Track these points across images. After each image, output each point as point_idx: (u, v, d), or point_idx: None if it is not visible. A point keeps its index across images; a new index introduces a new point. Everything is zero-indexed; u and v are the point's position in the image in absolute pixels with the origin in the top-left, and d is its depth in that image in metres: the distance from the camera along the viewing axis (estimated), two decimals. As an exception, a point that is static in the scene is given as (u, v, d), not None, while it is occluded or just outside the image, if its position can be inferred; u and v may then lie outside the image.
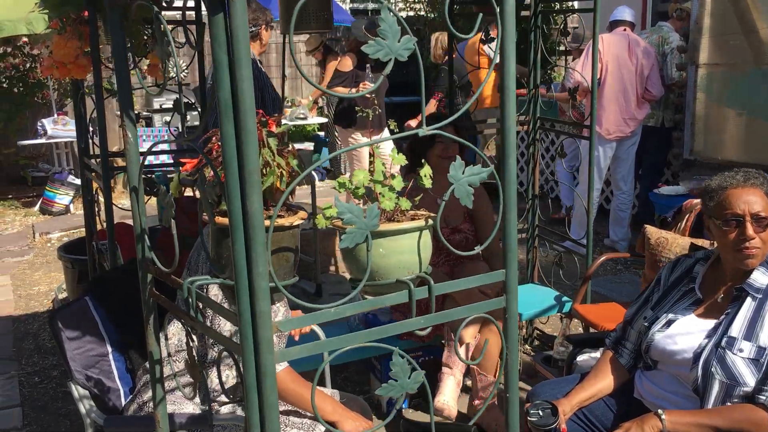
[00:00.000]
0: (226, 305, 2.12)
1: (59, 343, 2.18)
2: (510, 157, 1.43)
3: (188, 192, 4.09)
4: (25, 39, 8.38)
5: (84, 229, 7.11)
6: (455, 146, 3.39)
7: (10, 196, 8.41)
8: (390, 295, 1.39)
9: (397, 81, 8.40)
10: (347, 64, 6.06)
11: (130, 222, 3.88)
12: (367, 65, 5.80)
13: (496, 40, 1.49)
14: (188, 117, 9.10)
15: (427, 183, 1.53)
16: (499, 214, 1.46)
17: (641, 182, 6.38)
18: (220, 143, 1.59)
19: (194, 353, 1.49)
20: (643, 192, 6.32)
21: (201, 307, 1.69)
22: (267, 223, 1.25)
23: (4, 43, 8.06)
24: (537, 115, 4.10)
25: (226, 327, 2.13)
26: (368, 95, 5.55)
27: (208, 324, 2.13)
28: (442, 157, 3.35)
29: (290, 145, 1.51)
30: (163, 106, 8.82)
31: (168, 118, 8.65)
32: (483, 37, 4.07)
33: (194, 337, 1.52)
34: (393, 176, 1.50)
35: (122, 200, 8.51)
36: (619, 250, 5.87)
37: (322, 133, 10.00)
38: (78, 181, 8.03)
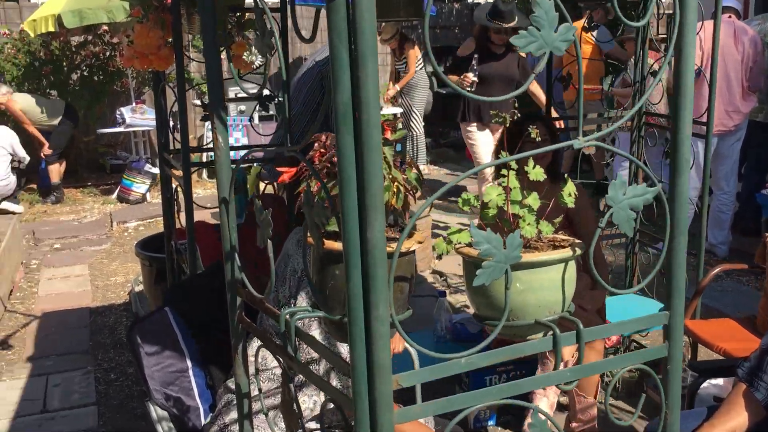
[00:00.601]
0: (314, 328, 1.92)
1: (137, 360, 2.02)
2: (683, 174, 1.15)
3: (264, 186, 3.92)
4: (105, 27, 8.44)
5: (160, 220, 7.10)
6: (548, 145, 3.07)
7: (89, 184, 8.51)
8: (531, 342, 1.15)
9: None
10: (464, 49, 5.42)
11: (206, 219, 3.72)
12: (474, 56, 5.15)
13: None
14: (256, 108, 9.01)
15: (570, 202, 1.27)
16: (665, 241, 1.19)
17: (743, 181, 5.90)
18: (322, 151, 1.37)
19: (292, 396, 1.28)
20: (744, 191, 5.85)
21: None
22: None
23: (84, 31, 8.13)
24: (643, 110, 3.75)
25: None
26: (467, 86, 5.10)
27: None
28: (534, 159, 3.03)
29: (407, 155, 1.28)
30: (238, 95, 8.74)
31: (243, 107, 8.57)
32: (586, 23, 3.74)
33: (291, 376, 1.31)
34: (529, 192, 1.25)
35: (197, 190, 8.51)
36: (719, 254, 5.43)
37: (394, 123, 9.76)
38: (155, 170, 8.05)
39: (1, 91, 7.50)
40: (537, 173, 1.27)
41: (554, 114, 3.92)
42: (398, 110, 9.02)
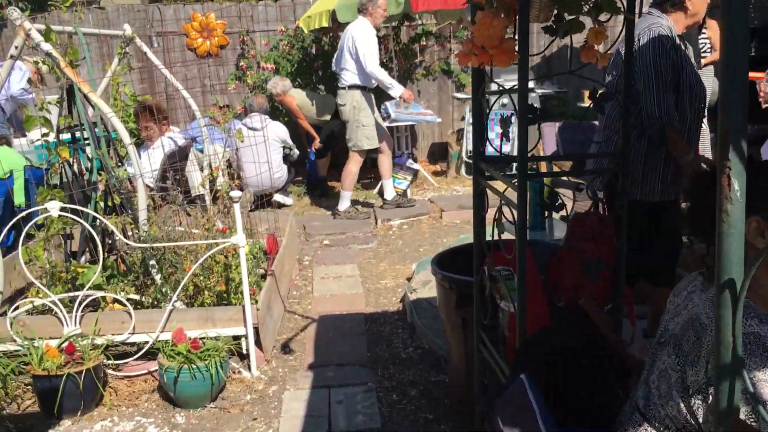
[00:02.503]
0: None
1: (498, 447, 1.59)
2: None
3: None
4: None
5: (422, 219, 6.84)
6: None
7: (351, 177, 8.56)
8: None
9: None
10: None
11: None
12: None
13: None
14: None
15: None
16: None
17: None
18: None
19: None
20: None
21: None
22: None
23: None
24: None
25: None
26: None
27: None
28: None
29: None
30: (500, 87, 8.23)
31: (506, 100, 8.04)
32: None
33: None
34: None
35: (455, 186, 8.21)
36: None
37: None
38: (416, 166, 7.86)
39: (279, 87, 7.74)
40: None
41: None
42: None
